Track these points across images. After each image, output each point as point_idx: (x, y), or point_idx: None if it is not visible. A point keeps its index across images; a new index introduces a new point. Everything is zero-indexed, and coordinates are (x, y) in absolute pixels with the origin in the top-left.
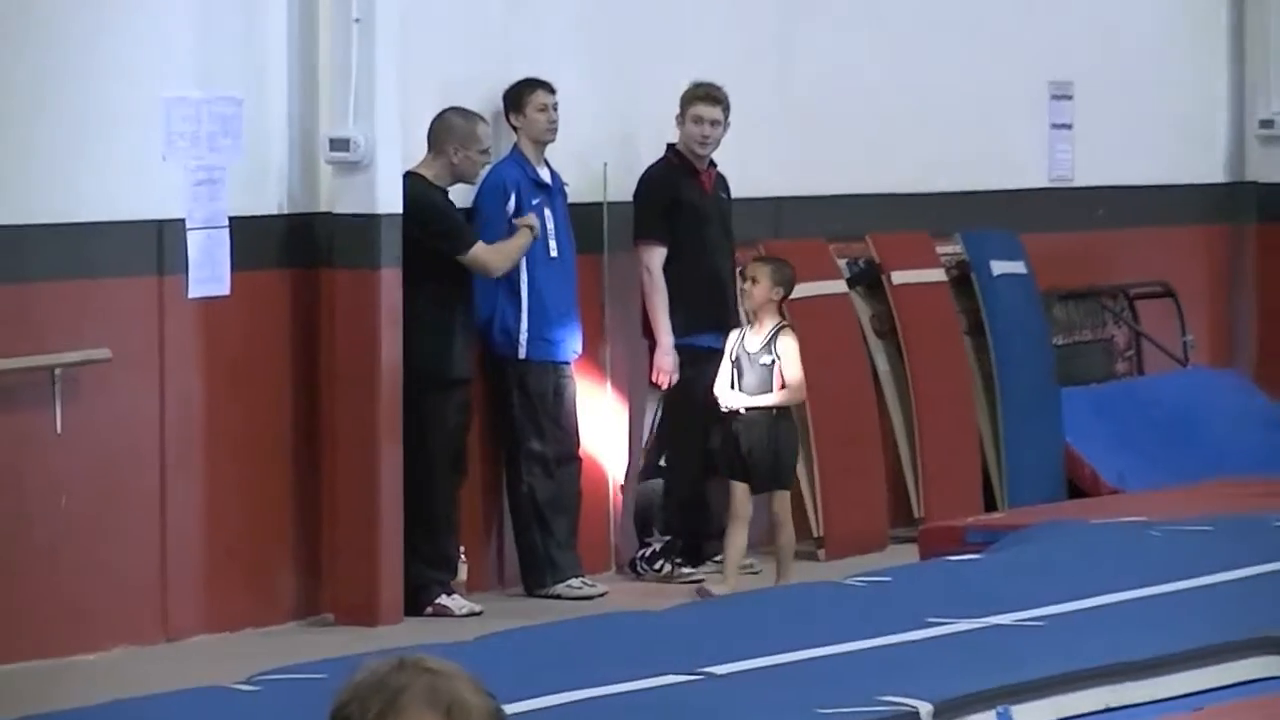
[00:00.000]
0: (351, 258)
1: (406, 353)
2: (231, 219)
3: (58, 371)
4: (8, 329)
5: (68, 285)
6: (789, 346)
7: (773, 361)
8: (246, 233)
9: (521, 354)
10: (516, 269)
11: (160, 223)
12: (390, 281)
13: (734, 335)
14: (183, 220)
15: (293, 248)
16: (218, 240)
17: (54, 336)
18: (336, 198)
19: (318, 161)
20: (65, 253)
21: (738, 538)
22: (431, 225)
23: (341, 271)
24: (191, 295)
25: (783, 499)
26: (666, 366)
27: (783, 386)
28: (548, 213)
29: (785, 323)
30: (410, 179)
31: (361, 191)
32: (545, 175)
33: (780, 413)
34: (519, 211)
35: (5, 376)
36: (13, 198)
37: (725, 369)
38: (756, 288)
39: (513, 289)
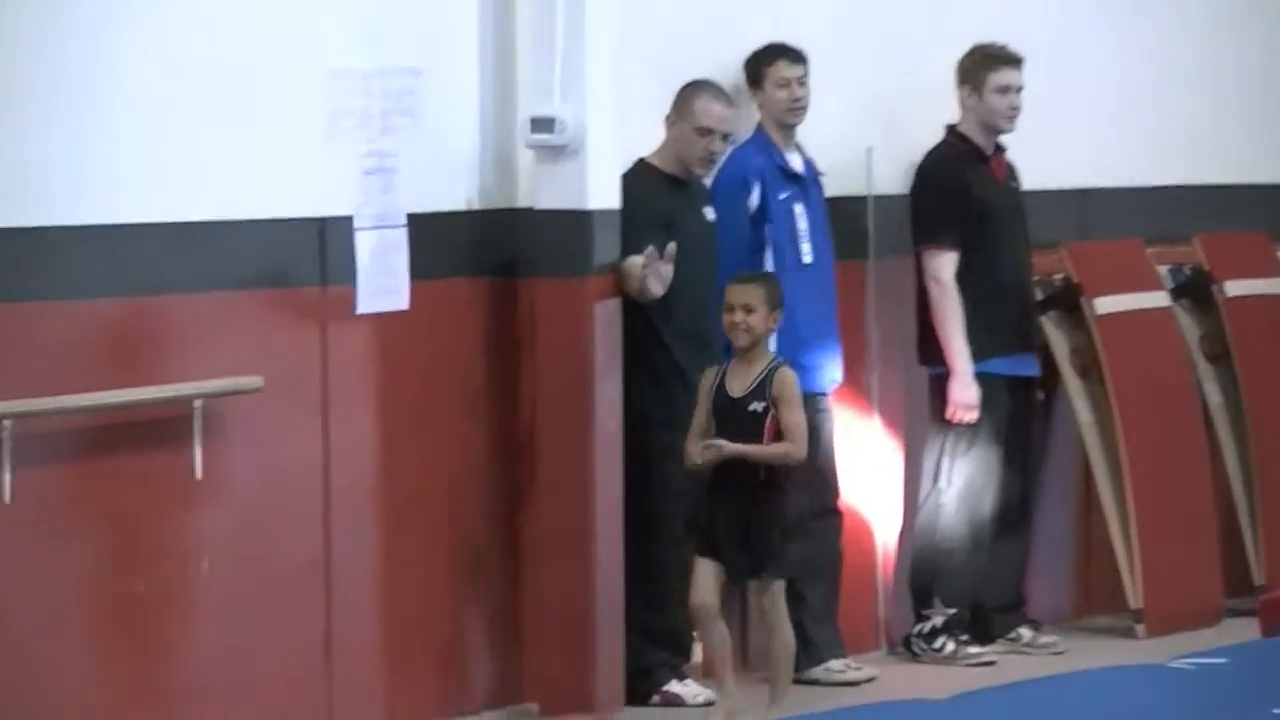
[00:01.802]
0: (557, 264)
1: (627, 382)
2: (410, 217)
3: (198, 404)
4: (136, 352)
5: (208, 298)
6: (788, 388)
7: (765, 409)
8: (428, 233)
9: None
10: None
11: (322, 221)
12: (605, 290)
13: (709, 375)
14: (349, 218)
15: (485, 251)
16: (393, 243)
17: (193, 361)
18: (538, 190)
19: (515, 146)
20: (204, 258)
21: (711, 635)
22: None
23: (545, 281)
24: (361, 310)
25: (771, 595)
26: (967, 400)
27: (774, 440)
28: (799, 210)
29: (779, 360)
30: (636, 167)
31: (569, 182)
32: (796, 163)
33: (768, 476)
34: (764, 208)
35: (133, 411)
36: (139, 190)
37: (698, 421)
38: (753, 317)
39: None
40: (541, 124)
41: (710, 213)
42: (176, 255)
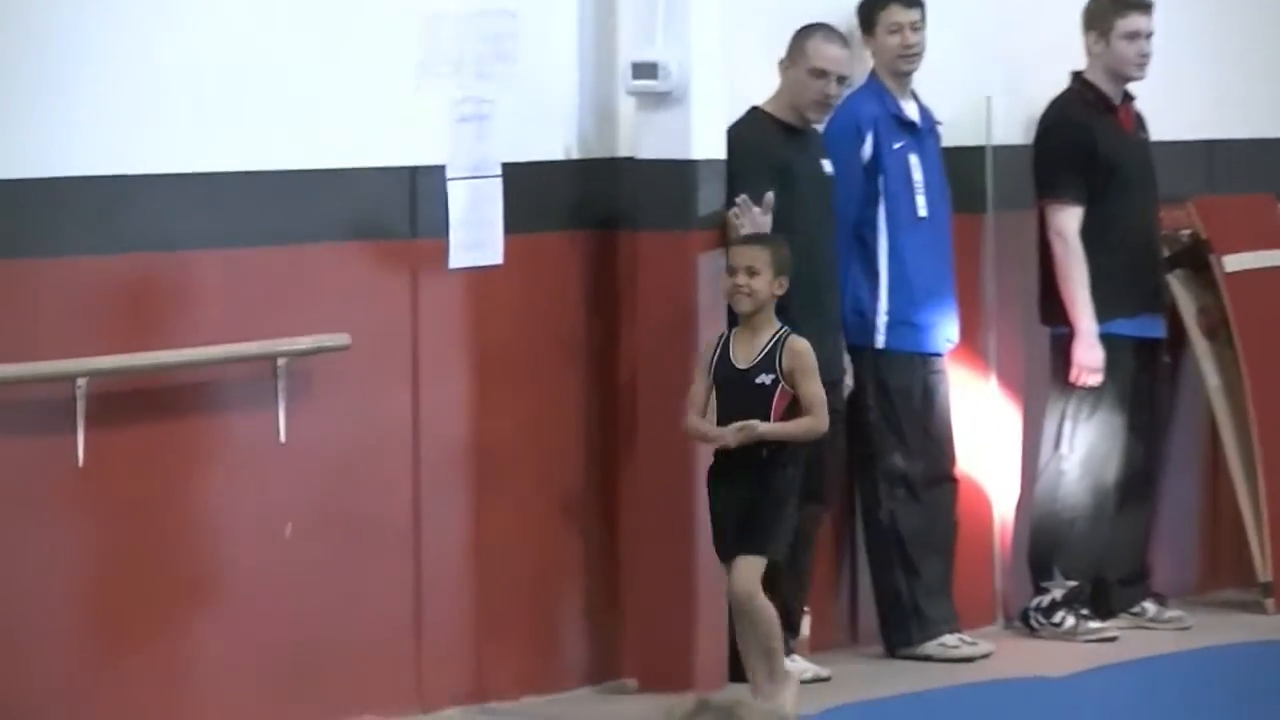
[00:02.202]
0: (661, 216)
1: None
2: (505, 166)
3: (281, 364)
4: (217, 309)
5: (292, 252)
6: (804, 359)
7: (774, 382)
8: (525, 184)
9: (879, 343)
10: (873, 232)
11: (413, 171)
12: (710, 247)
13: (710, 345)
14: (442, 168)
15: (583, 203)
16: (487, 193)
17: (276, 318)
18: (640, 139)
19: (616, 93)
20: (290, 209)
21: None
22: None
23: (646, 235)
24: (453, 264)
25: (752, 572)
26: (1092, 362)
27: (782, 416)
28: (914, 160)
29: (786, 329)
30: (750, 115)
31: (672, 131)
32: (911, 111)
33: (772, 454)
34: (877, 158)
35: (214, 370)
36: (222, 137)
37: (698, 392)
38: (756, 280)
39: (868, 259)
40: (644, 69)
41: (828, 165)
42: (260, 206)
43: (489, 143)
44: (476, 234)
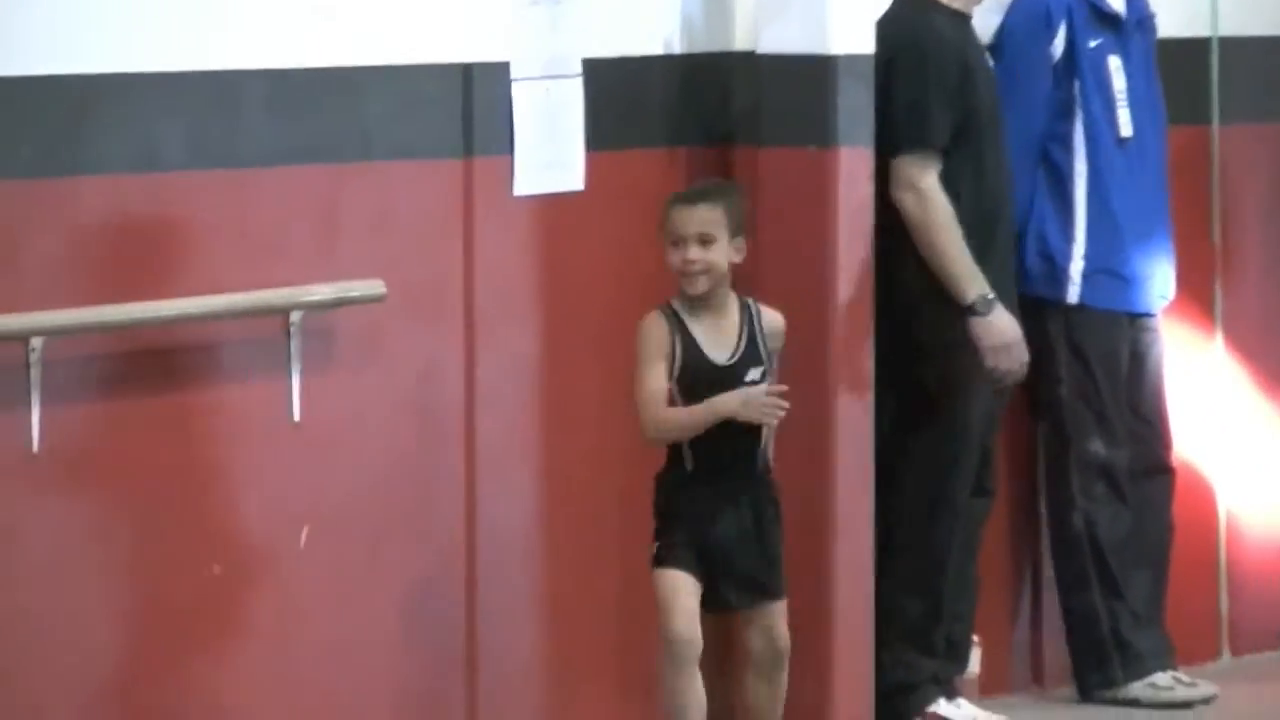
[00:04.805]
0: (789, 129)
1: (887, 291)
2: (586, 64)
3: (296, 319)
4: (212, 248)
5: (310, 173)
6: (784, 332)
7: (764, 373)
8: (611, 86)
9: (1073, 296)
10: (1068, 154)
11: (467, 68)
12: (855, 168)
13: (657, 324)
14: (505, 65)
15: (689, 112)
16: (563, 99)
17: (289, 262)
18: (762, 28)
19: None
20: (304, 118)
21: (694, 689)
22: (892, 84)
23: (772, 152)
24: (519, 190)
25: (777, 612)
26: None
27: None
28: (1114, 62)
29: (747, 298)
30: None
31: (804, 19)
32: (1111, 2)
33: (767, 464)
34: (1071, 58)
35: (208, 328)
36: (209, 24)
37: (654, 390)
38: (712, 250)
39: (1059, 187)
40: None
41: (989, 63)
42: (264, 115)
43: (566, 33)
44: (549, 151)
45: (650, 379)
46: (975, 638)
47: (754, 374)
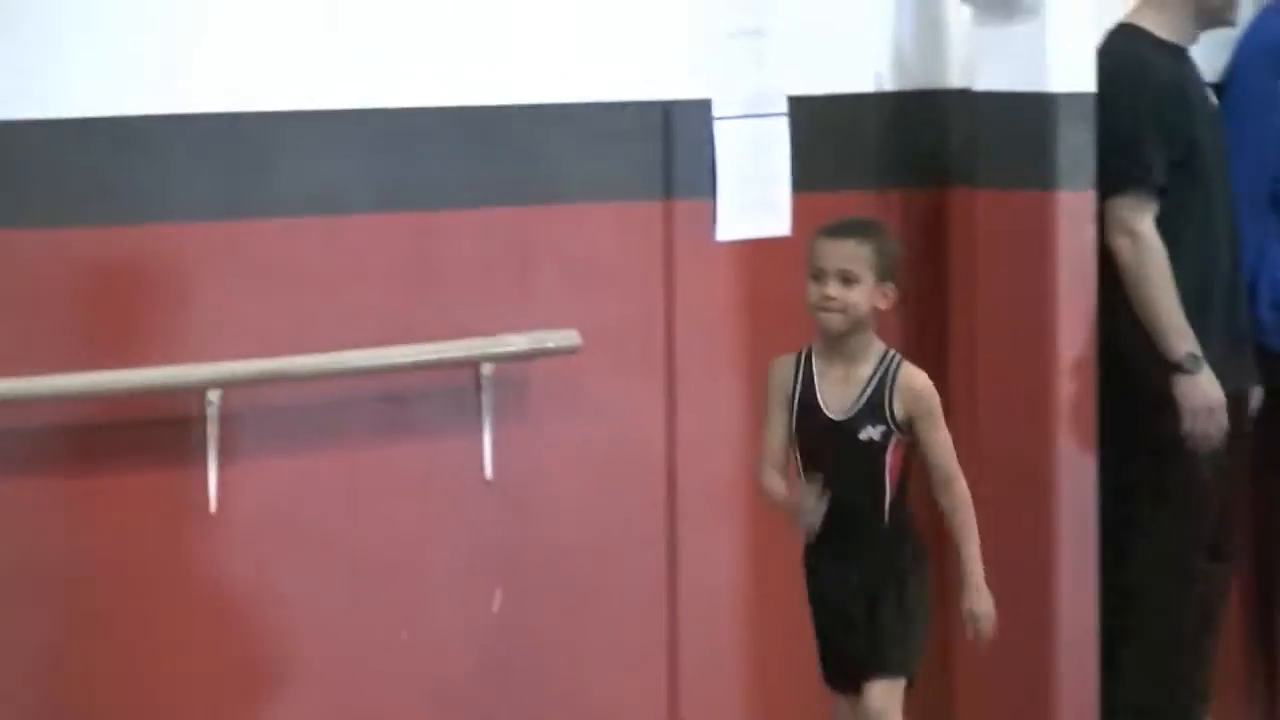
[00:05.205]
0: (1007, 170)
1: (1111, 344)
2: (792, 102)
3: (488, 371)
4: (394, 295)
5: (499, 218)
6: (925, 399)
7: (886, 435)
8: (818, 126)
9: None
10: None
11: (667, 107)
12: (1078, 212)
13: (781, 367)
14: (707, 103)
15: (901, 152)
16: (769, 138)
17: (480, 309)
18: (979, 64)
19: (940, 2)
20: (489, 157)
21: None
22: (1105, 121)
23: (989, 194)
24: (722, 235)
25: (893, 700)
26: None
27: (899, 476)
28: None
29: (892, 352)
30: (1119, 33)
31: (1023, 54)
32: None
33: (899, 519)
34: None
35: (394, 379)
36: (394, 62)
37: (773, 440)
38: (854, 291)
39: None
40: None
41: (1212, 102)
42: (447, 153)
43: (771, 69)
44: (754, 193)
45: (768, 430)
46: (1211, 712)
47: (871, 432)
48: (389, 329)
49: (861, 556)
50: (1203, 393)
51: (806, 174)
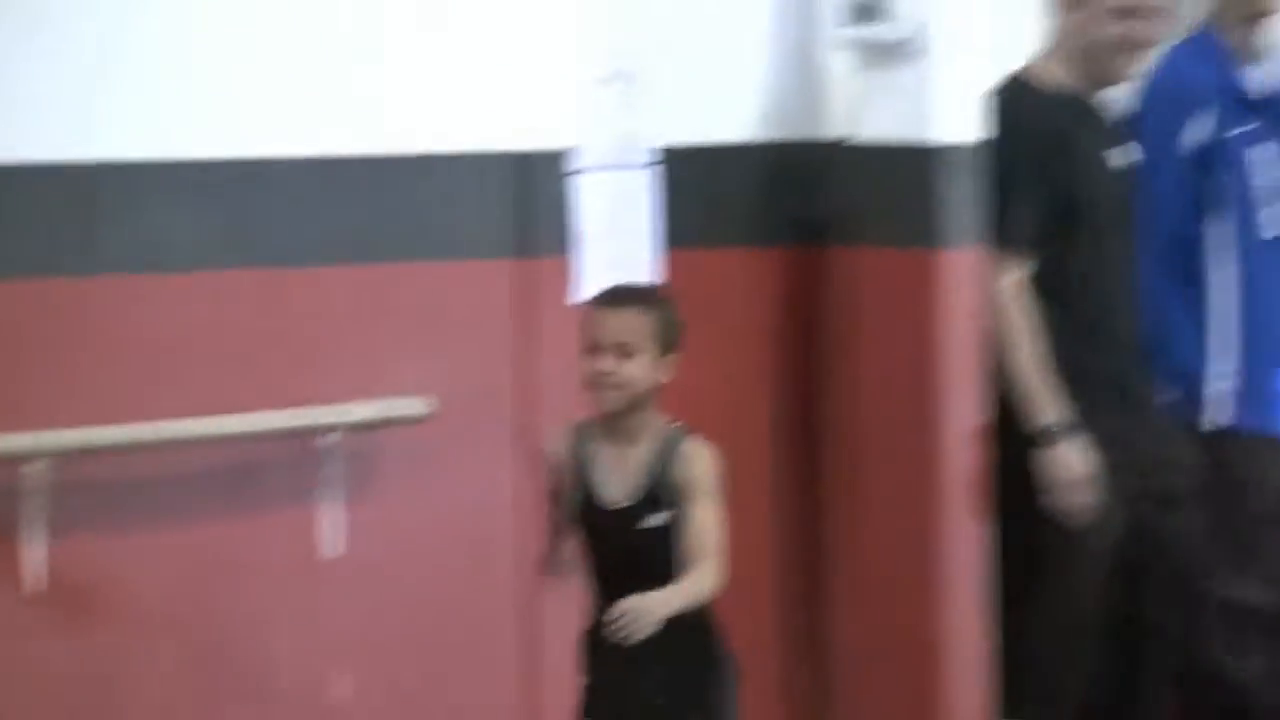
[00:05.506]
0: (887, 226)
1: (1005, 406)
2: (664, 153)
3: (327, 441)
4: (232, 359)
5: (344, 276)
6: (708, 470)
7: (670, 521)
8: (689, 178)
9: (1221, 419)
10: (1204, 258)
11: (525, 159)
12: (962, 273)
13: (559, 448)
14: (569, 153)
15: (777, 206)
16: (635, 191)
17: (320, 374)
18: (860, 114)
19: (822, 47)
20: (337, 214)
21: None
22: (996, 173)
23: (870, 252)
24: (583, 296)
25: None
26: None
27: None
28: (1263, 155)
29: (677, 428)
30: (1011, 84)
31: (907, 103)
32: (1261, 81)
33: (697, 618)
34: (1219, 146)
35: (225, 450)
36: (226, 109)
37: (551, 516)
38: (631, 364)
39: (1196, 293)
40: (863, 11)
41: (1122, 155)
42: (295, 209)
43: (637, 117)
44: (618, 249)
45: (549, 511)
46: None
47: (654, 520)
48: (228, 396)
49: (653, 665)
50: (1062, 466)
51: (676, 229)
